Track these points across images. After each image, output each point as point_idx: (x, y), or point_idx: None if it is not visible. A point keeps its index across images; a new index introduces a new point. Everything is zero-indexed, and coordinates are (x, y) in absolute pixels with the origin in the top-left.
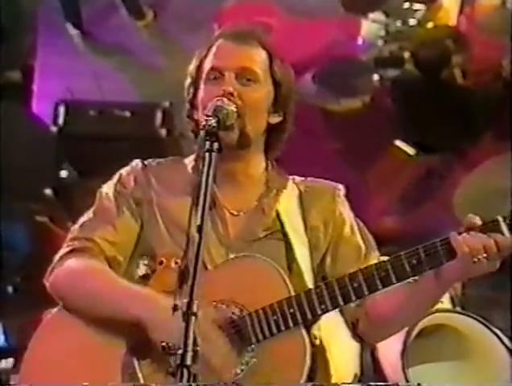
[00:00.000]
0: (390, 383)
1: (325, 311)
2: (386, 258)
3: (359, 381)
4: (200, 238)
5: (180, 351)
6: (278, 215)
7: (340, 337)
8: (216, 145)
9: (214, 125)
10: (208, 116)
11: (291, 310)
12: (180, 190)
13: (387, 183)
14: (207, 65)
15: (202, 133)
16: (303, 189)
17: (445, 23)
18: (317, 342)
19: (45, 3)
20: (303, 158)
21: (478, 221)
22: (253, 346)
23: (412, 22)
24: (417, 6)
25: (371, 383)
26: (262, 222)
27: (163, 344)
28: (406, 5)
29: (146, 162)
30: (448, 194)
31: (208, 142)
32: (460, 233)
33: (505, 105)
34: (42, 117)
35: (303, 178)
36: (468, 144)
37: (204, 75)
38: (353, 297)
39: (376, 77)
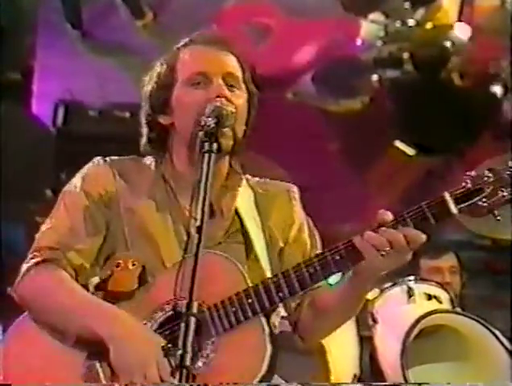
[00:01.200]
0: (389, 383)
1: (283, 299)
2: None
3: (358, 381)
4: (200, 239)
5: (180, 352)
6: (237, 212)
7: (340, 339)
8: (215, 145)
9: (213, 125)
10: (207, 116)
11: (250, 301)
12: (145, 192)
13: (387, 184)
14: (187, 69)
15: (201, 134)
16: (258, 190)
17: (444, 24)
18: (276, 330)
19: (45, 4)
20: (303, 159)
21: (389, 217)
22: (213, 339)
23: (411, 22)
24: (416, 6)
25: (370, 384)
26: (222, 225)
27: (162, 345)
28: (406, 5)
29: (108, 160)
30: None
31: (207, 143)
32: (373, 229)
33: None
34: (41, 118)
35: (257, 179)
36: (468, 144)
37: (183, 80)
38: (309, 282)
39: (375, 78)
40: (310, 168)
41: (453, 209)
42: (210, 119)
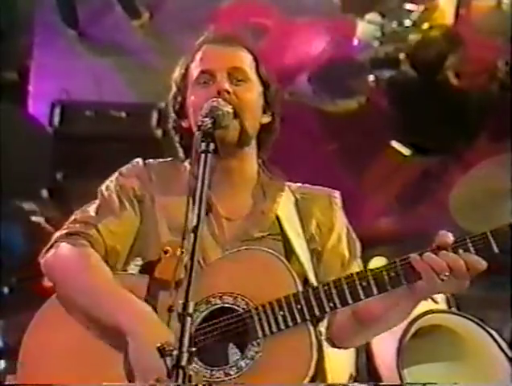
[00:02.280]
0: (385, 383)
1: (333, 308)
2: (382, 262)
3: (355, 381)
4: (195, 238)
5: (176, 352)
6: (278, 219)
7: None
8: (212, 145)
9: (210, 125)
10: (203, 116)
11: (299, 306)
12: (180, 191)
13: (383, 184)
14: (195, 70)
15: (198, 133)
16: (300, 196)
17: (441, 24)
18: (322, 338)
19: (41, 4)
20: (300, 159)
21: (450, 239)
22: (259, 340)
23: (408, 23)
24: (413, 7)
25: (366, 384)
26: (260, 224)
27: (158, 345)
28: (402, 6)
29: (146, 162)
30: (444, 195)
31: (203, 143)
32: (432, 250)
33: (501, 106)
34: (38, 118)
35: (298, 185)
36: (464, 145)
37: (192, 81)
38: (362, 295)
39: (372, 78)
40: (306, 168)
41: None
42: (207, 119)
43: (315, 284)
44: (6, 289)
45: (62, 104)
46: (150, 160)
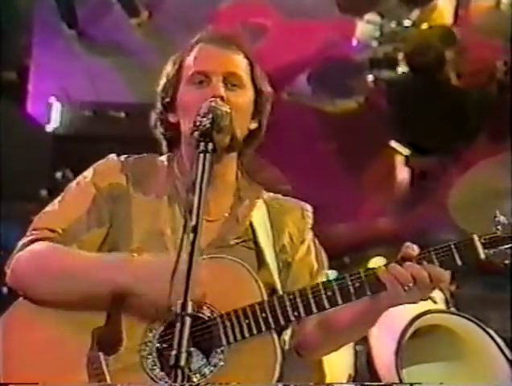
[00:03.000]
0: (384, 383)
1: (298, 317)
2: (381, 262)
3: (353, 381)
4: (195, 238)
5: (174, 352)
6: (251, 225)
7: None
8: (210, 145)
9: (208, 125)
10: (202, 116)
11: (264, 315)
12: (156, 189)
13: (382, 184)
14: (190, 68)
15: (196, 133)
16: (273, 206)
17: (440, 24)
18: (286, 347)
19: (40, 3)
20: (299, 159)
21: (415, 251)
22: (222, 348)
23: (407, 23)
24: (412, 7)
25: (365, 384)
26: (235, 230)
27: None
28: (401, 6)
29: (122, 158)
30: (443, 195)
31: (202, 143)
32: (397, 261)
33: (500, 106)
34: (37, 118)
35: (272, 195)
36: (463, 145)
37: (186, 79)
38: (326, 305)
39: (370, 78)
40: (304, 168)
41: (481, 253)
42: (205, 119)
43: (279, 290)
44: (5, 289)
45: (61, 104)
46: (126, 156)
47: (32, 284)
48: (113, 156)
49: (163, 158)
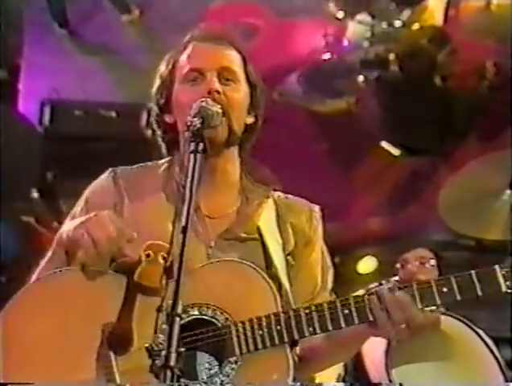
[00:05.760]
0: (373, 383)
1: (313, 333)
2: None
3: (343, 381)
4: (184, 238)
5: (164, 352)
6: (258, 228)
7: None
8: (201, 145)
9: (199, 125)
10: (192, 116)
11: (278, 327)
12: (153, 194)
13: (372, 184)
14: (184, 67)
15: (187, 133)
16: (281, 205)
17: (430, 25)
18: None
19: (31, 3)
20: (290, 159)
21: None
22: (235, 358)
23: (398, 23)
24: (402, 7)
25: (355, 383)
26: (244, 226)
27: (147, 345)
28: (392, 6)
29: (118, 171)
30: (433, 195)
31: (193, 143)
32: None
33: (490, 107)
34: (28, 117)
35: (280, 194)
36: (453, 145)
37: (180, 78)
38: (342, 323)
39: (361, 78)
40: (295, 168)
41: (503, 286)
42: (196, 119)
43: (288, 292)
44: (3, 279)
45: (52, 104)
46: (119, 169)
47: None
48: (105, 175)
49: (164, 162)
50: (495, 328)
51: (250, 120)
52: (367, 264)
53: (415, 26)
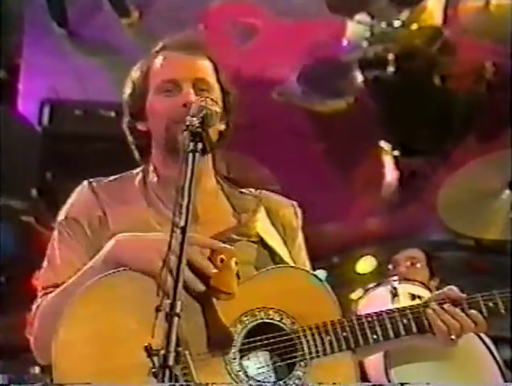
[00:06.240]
0: (372, 383)
1: (376, 341)
2: (370, 261)
3: None
4: (183, 239)
5: (163, 352)
6: (257, 234)
7: None
8: (200, 145)
9: (198, 125)
10: (191, 116)
11: (344, 334)
12: (132, 205)
13: (371, 184)
14: (158, 76)
15: (186, 133)
16: (269, 203)
17: (429, 25)
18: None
19: (31, 3)
20: (288, 158)
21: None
22: (306, 361)
23: (397, 23)
24: (401, 7)
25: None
26: (236, 230)
27: (146, 345)
28: (391, 6)
29: (94, 184)
30: (432, 195)
31: (192, 143)
32: (440, 303)
33: (488, 107)
34: (27, 117)
35: (264, 192)
36: (452, 145)
37: (155, 87)
38: (402, 332)
39: (360, 78)
40: (295, 168)
41: None
42: (194, 118)
43: None
44: (2, 279)
45: (51, 103)
46: (94, 182)
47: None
48: (84, 184)
49: (138, 171)
50: (494, 327)
51: (222, 126)
52: (366, 264)
53: (414, 26)
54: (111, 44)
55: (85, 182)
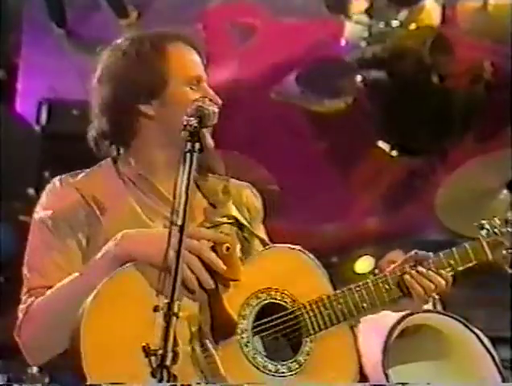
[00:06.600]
0: (370, 383)
1: (365, 310)
2: (369, 261)
3: None
4: (181, 237)
5: (160, 352)
6: (232, 215)
7: None
8: (197, 145)
9: (196, 125)
10: (189, 116)
11: (339, 306)
12: (118, 198)
13: (370, 184)
14: (184, 69)
15: (184, 133)
16: (232, 188)
17: (427, 25)
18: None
19: (29, 2)
20: (286, 159)
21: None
22: (312, 337)
23: (395, 23)
24: (400, 7)
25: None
26: (217, 214)
27: (144, 345)
28: (390, 6)
29: (69, 180)
30: (430, 195)
31: (189, 143)
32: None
33: (486, 107)
34: (25, 116)
35: (218, 176)
36: (450, 145)
37: (182, 79)
38: (386, 299)
39: (359, 78)
40: (293, 168)
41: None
42: (192, 119)
43: None
44: (1, 279)
45: (49, 103)
46: (69, 178)
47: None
48: (55, 181)
49: (106, 163)
50: (493, 327)
51: None
52: (365, 264)
53: (412, 26)
54: (109, 44)
55: (57, 179)
